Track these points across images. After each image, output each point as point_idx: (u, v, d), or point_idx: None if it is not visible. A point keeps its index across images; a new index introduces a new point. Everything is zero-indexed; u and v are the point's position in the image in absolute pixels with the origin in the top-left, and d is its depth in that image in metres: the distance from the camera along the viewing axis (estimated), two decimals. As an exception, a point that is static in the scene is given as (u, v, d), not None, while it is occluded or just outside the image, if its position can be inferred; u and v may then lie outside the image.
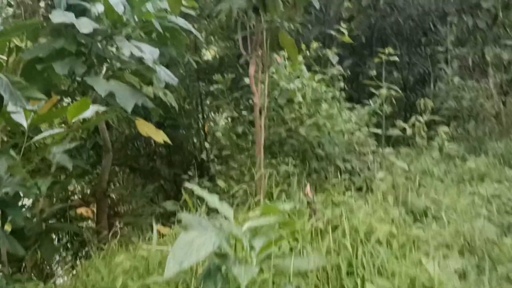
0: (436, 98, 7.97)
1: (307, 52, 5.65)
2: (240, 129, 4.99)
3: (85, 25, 4.32)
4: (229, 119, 5.06)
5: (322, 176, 4.87)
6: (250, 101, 5.09)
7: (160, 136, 6.41)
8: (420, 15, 10.01)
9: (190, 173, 7.25)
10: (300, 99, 5.00)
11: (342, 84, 6.40)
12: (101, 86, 4.61)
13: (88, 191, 7.62)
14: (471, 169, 5.79)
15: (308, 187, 3.49)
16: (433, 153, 6.94)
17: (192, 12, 6.52)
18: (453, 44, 9.39)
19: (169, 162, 9.32)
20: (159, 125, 7.75)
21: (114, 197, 8.09)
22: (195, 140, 8.92)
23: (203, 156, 7.92)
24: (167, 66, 7.58)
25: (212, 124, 5.43)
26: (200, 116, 8.38)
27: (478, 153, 6.89)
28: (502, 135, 8.24)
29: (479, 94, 7.14)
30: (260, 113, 4.25)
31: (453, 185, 5.22)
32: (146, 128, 6.37)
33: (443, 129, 7.59)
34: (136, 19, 5.01)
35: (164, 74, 5.24)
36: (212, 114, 8.10)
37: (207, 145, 6.46)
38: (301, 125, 5.10)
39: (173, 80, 5.12)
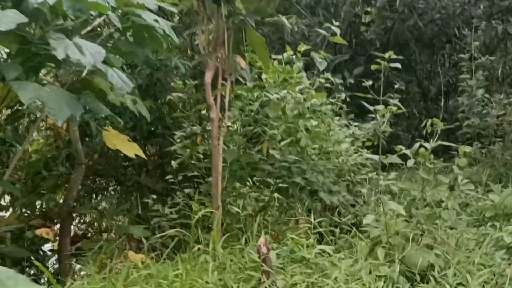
0: (457, 113, 6.90)
1: (294, 56, 4.64)
2: (201, 148, 4.06)
3: (6, 20, 3.47)
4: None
5: (299, 213, 3.94)
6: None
7: (132, 150, 5.54)
8: (444, 19, 8.92)
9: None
10: (279, 113, 4.06)
11: (343, 95, 5.42)
12: (27, 92, 3.72)
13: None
14: (495, 205, 4.73)
15: (262, 241, 2.56)
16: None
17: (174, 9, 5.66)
18: (480, 52, 8.29)
19: (160, 174, 8.51)
20: (150, 133, 7.09)
21: (89, 214, 7.27)
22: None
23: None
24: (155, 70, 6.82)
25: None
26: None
27: (506, 182, 5.80)
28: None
29: (507, 110, 6.03)
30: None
31: (469, 228, 4.19)
32: (115, 141, 5.52)
33: (464, 149, 6.52)
34: (88, 13, 4.14)
35: (117, 79, 4.31)
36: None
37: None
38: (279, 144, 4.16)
39: (127, 86, 4.21)
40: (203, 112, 4.35)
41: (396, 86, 4.69)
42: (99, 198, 8.22)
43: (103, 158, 7.92)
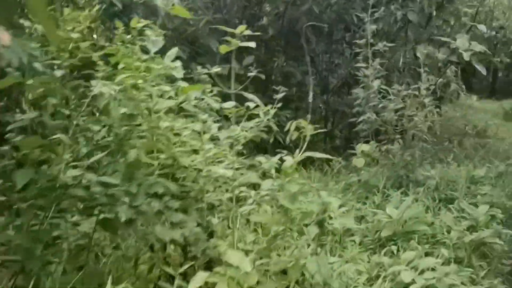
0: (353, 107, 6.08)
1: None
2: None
3: None
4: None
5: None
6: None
7: None
8: (341, 4, 8.14)
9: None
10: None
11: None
12: None
13: None
14: (392, 222, 3.84)
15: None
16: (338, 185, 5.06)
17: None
18: (380, 40, 7.61)
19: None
20: None
21: None
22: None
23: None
24: None
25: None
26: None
27: (406, 188, 5.02)
28: (436, 157, 6.45)
29: (407, 103, 5.25)
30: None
31: (361, 254, 3.27)
32: None
33: (362, 148, 5.70)
34: None
35: None
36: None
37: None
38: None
39: None
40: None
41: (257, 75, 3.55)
42: None
43: None
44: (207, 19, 7.12)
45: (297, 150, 2.49)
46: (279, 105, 5.07)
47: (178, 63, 4.92)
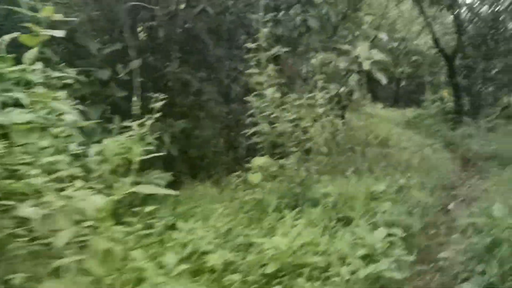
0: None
1: None
2: None
3: None
4: None
5: None
6: None
7: None
8: (240, 7, 7.62)
9: None
10: None
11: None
12: None
13: None
14: (278, 253, 3.25)
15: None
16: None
17: None
18: (282, 45, 7.19)
19: None
20: None
21: None
22: None
23: None
24: None
25: None
26: None
27: (301, 206, 4.51)
28: (336, 171, 6.09)
29: (301, 113, 4.77)
30: None
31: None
32: None
33: (257, 161, 5.14)
34: None
35: None
36: None
37: None
38: None
39: None
40: None
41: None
42: None
43: None
44: (85, 17, 6.23)
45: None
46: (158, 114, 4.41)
47: (38, 66, 4.09)
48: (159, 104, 4.58)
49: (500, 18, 12.26)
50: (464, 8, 13.37)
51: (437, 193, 6.93)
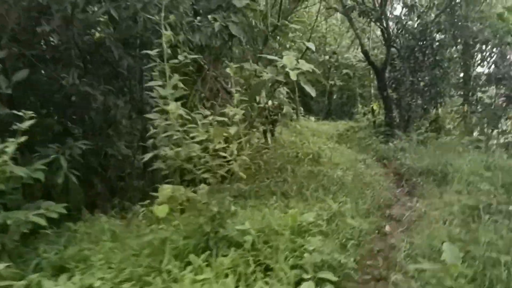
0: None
1: None
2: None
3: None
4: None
5: None
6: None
7: None
8: (148, 12, 6.67)
9: None
10: None
11: None
12: None
13: None
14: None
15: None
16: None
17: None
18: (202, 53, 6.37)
19: None
20: None
21: None
22: None
23: None
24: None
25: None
26: None
27: (213, 247, 3.64)
28: (259, 199, 5.31)
29: (211, 134, 3.91)
30: None
31: None
32: None
33: (163, 191, 4.22)
34: None
35: None
36: None
37: None
38: None
39: None
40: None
41: None
42: None
43: None
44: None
45: None
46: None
47: None
48: (25, 125, 3.56)
49: (428, 31, 12.21)
50: (392, 21, 13.28)
51: (372, 215, 6.36)
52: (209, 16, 6.56)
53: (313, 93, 6.98)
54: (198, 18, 6.69)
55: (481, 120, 12.03)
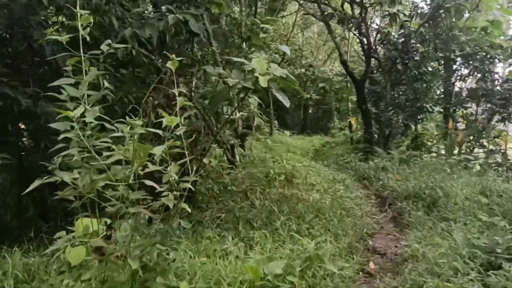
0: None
1: None
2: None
3: None
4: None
5: None
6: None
7: None
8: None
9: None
10: None
11: None
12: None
13: None
14: None
15: None
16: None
17: None
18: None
19: None
20: None
21: None
22: None
23: None
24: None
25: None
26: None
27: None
28: (216, 237, 4.16)
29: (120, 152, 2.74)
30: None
31: None
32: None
33: (79, 225, 3.03)
34: None
35: None
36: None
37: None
38: None
39: None
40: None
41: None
42: None
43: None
44: None
45: None
46: None
47: None
48: None
49: (411, 41, 11.37)
50: (372, 30, 12.42)
51: (354, 251, 5.28)
52: (163, 7, 5.44)
53: (286, 103, 5.84)
54: (150, 9, 5.57)
55: (466, 137, 11.18)
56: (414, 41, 11.54)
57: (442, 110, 12.90)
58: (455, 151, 11.34)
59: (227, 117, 6.75)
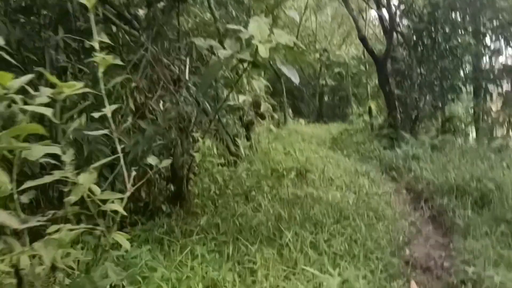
0: None
1: None
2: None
3: None
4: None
5: None
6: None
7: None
8: None
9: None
10: None
11: None
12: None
13: None
14: None
15: None
16: None
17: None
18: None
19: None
20: None
21: None
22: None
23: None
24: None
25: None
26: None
27: None
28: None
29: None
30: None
31: None
32: None
33: None
34: None
35: None
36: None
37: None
38: None
39: None
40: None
41: None
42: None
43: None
44: None
45: None
46: None
47: None
48: None
49: (439, 11, 9.90)
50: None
51: (387, 265, 4.01)
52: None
53: (295, 78, 4.46)
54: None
55: (506, 117, 9.72)
56: (442, 11, 10.06)
57: (471, 89, 11.40)
58: (494, 134, 9.91)
59: (223, 101, 5.50)
